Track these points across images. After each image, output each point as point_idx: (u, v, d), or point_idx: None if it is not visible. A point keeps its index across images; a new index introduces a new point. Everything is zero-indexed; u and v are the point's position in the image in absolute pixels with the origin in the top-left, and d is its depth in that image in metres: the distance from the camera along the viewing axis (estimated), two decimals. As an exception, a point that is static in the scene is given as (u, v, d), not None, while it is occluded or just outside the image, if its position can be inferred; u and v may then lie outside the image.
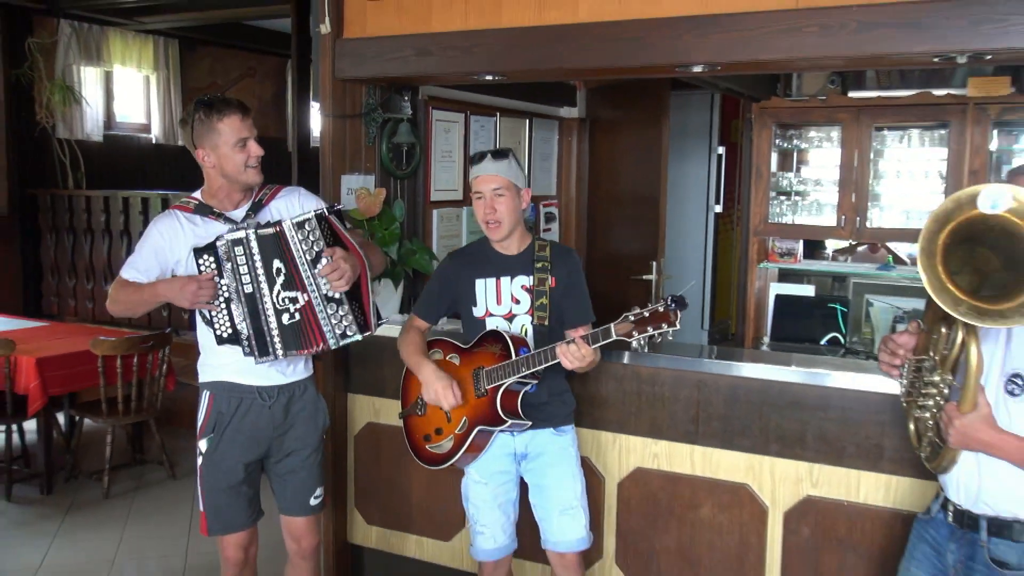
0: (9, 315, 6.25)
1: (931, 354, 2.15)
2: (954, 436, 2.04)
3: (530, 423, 2.83)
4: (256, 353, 2.77)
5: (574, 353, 2.59)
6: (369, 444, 3.77)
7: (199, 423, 2.91)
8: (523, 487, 3.04)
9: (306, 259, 2.71)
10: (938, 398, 2.10)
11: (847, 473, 2.91)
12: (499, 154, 2.88)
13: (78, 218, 7.04)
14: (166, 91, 8.27)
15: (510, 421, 2.78)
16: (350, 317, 2.75)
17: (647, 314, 2.47)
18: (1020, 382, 2.06)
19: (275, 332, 2.76)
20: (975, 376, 2.00)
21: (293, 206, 2.92)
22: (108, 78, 7.89)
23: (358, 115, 3.83)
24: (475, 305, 2.94)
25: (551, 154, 5.87)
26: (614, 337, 2.53)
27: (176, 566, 4.23)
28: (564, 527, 2.91)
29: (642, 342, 2.50)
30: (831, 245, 6.02)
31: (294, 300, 2.74)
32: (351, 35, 3.69)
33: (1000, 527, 2.11)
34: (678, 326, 2.45)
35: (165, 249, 2.84)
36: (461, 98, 4.83)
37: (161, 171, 8.11)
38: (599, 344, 2.59)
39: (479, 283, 2.93)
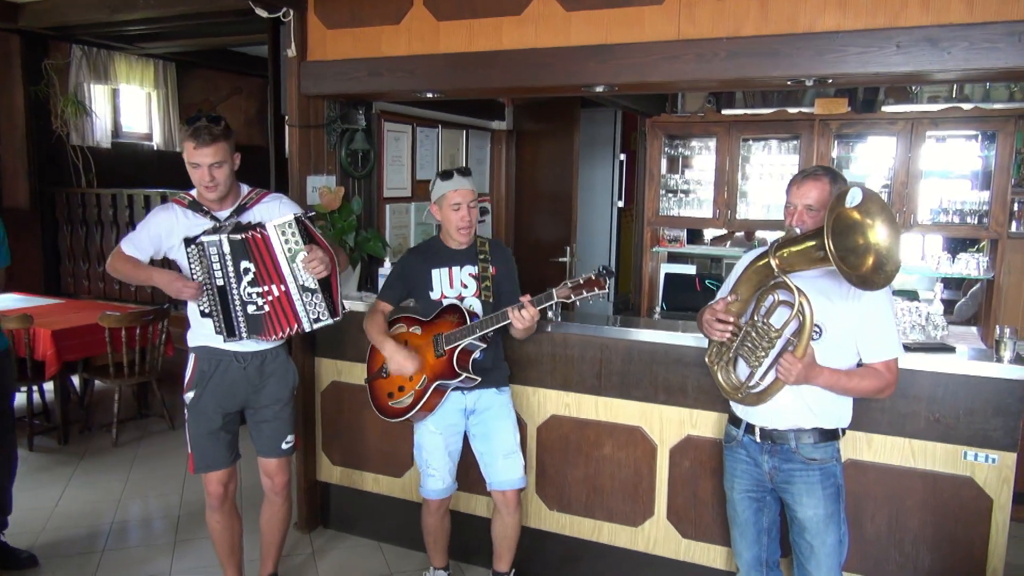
0: (31, 294, 5.96)
1: (755, 318, 2.28)
2: (798, 375, 2.19)
3: (479, 379, 2.80)
4: (224, 333, 2.68)
5: (524, 315, 2.58)
6: (333, 398, 3.66)
7: (186, 379, 2.82)
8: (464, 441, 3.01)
9: (286, 255, 2.59)
10: (770, 349, 2.26)
11: (720, 416, 2.90)
12: (467, 171, 2.85)
13: (90, 212, 6.72)
14: (165, 106, 7.94)
15: (463, 375, 2.75)
16: (323, 305, 2.65)
17: (582, 280, 2.48)
18: (817, 330, 2.22)
19: (241, 319, 2.67)
20: (808, 330, 2.17)
21: (273, 211, 2.78)
22: (115, 94, 7.53)
23: (321, 125, 3.68)
24: (431, 290, 2.89)
25: (484, 159, 5.76)
26: (555, 300, 2.54)
27: (173, 502, 4.07)
28: (508, 468, 2.88)
29: (578, 303, 2.51)
30: (708, 233, 6.06)
31: (264, 294, 2.63)
32: (314, 58, 3.54)
33: (802, 435, 2.33)
34: (607, 289, 2.47)
35: (161, 236, 2.75)
36: (408, 112, 4.69)
37: (161, 173, 7.80)
38: (543, 305, 2.58)
39: (434, 272, 2.89)
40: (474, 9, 3.20)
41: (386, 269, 3.53)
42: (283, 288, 2.63)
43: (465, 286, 2.88)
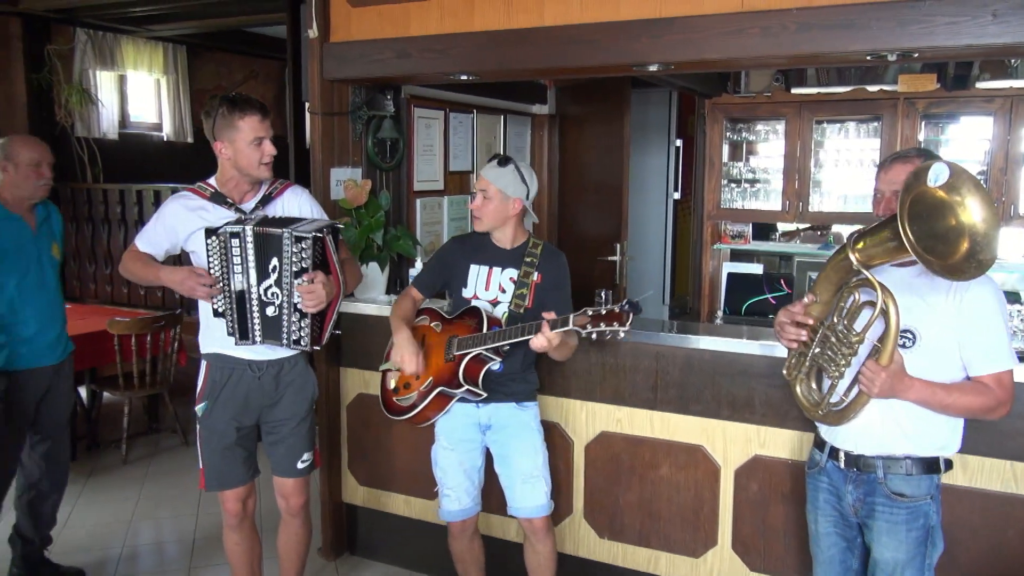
0: (34, 299, 6.14)
1: (835, 320, 2.22)
2: (882, 385, 2.10)
3: (485, 395, 2.79)
4: (237, 335, 2.75)
5: (539, 337, 2.56)
6: (359, 412, 3.71)
7: (197, 389, 2.90)
8: (489, 456, 3.01)
9: (291, 269, 2.67)
10: (851, 356, 2.18)
11: (791, 434, 2.88)
12: (503, 161, 2.87)
13: (96, 209, 6.91)
14: (175, 93, 8.13)
15: (466, 387, 2.75)
16: (307, 330, 2.73)
17: (603, 311, 2.46)
18: (910, 336, 2.17)
19: (257, 321, 2.73)
20: (894, 332, 2.09)
21: (294, 206, 2.88)
22: (122, 81, 7.72)
23: (345, 113, 3.74)
24: (465, 287, 2.92)
25: (524, 147, 5.79)
26: (571, 327, 2.51)
27: (187, 525, 4.17)
28: (526, 495, 2.88)
29: (594, 336, 2.48)
30: (779, 227, 6.00)
31: (278, 295, 2.70)
32: (337, 39, 3.60)
33: (892, 464, 2.23)
34: (628, 328, 2.43)
35: (176, 228, 2.83)
36: (440, 96, 4.73)
37: (171, 166, 7.98)
38: (557, 330, 2.55)
39: (473, 268, 2.92)
40: (513, -19, 3.23)
41: (417, 270, 3.58)
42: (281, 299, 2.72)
43: (503, 290, 2.87)
